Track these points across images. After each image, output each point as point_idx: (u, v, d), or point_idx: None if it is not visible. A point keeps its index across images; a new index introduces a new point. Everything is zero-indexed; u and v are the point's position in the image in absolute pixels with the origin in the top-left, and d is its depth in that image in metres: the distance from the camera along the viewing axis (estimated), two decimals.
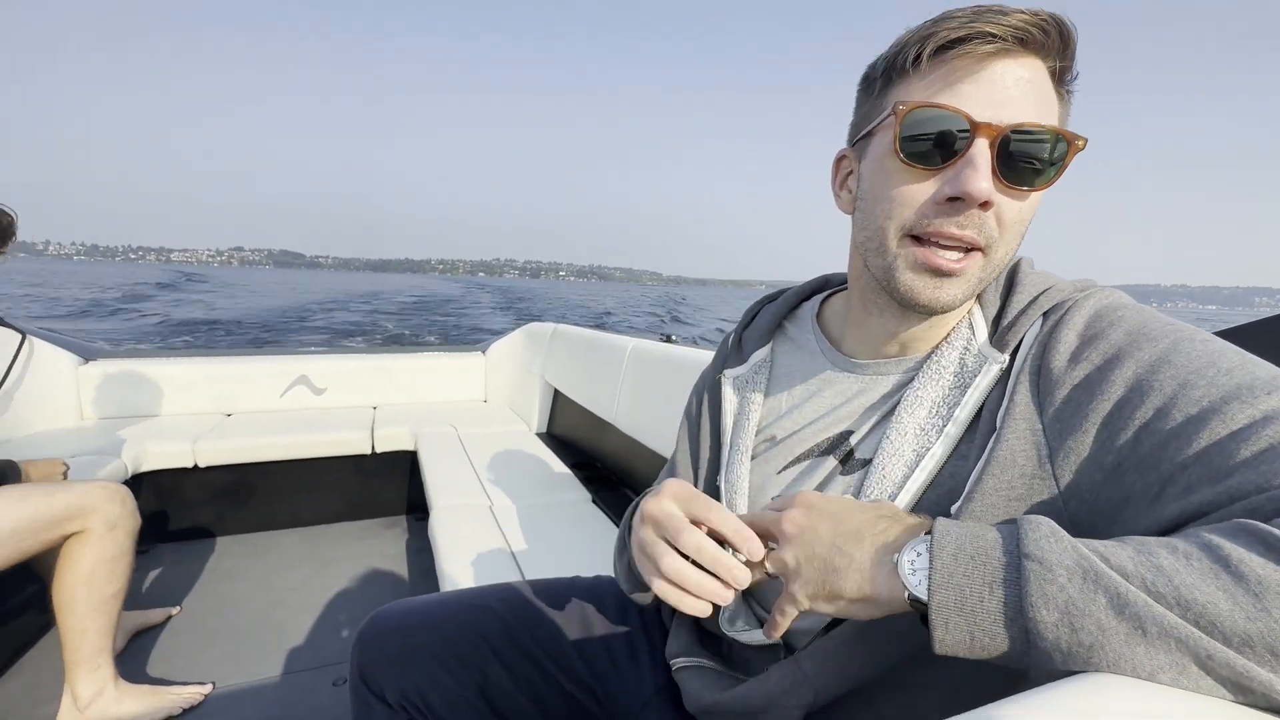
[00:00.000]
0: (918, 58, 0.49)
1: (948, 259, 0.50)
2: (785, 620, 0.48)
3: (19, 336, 2.06)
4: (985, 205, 0.48)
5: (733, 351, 0.74)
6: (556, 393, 2.58)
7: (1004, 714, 0.31)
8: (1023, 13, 0.47)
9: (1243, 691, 0.32)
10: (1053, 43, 0.48)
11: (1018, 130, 0.47)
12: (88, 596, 1.29)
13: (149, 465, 2.06)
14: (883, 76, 0.53)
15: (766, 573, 0.49)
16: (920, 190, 0.50)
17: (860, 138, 0.57)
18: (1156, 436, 0.42)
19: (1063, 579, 0.34)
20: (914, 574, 0.39)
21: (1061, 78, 0.50)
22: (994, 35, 0.46)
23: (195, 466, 2.16)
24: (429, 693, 0.73)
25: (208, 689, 1.46)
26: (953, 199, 0.48)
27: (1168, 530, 0.40)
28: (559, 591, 0.83)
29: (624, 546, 0.71)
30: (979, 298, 0.58)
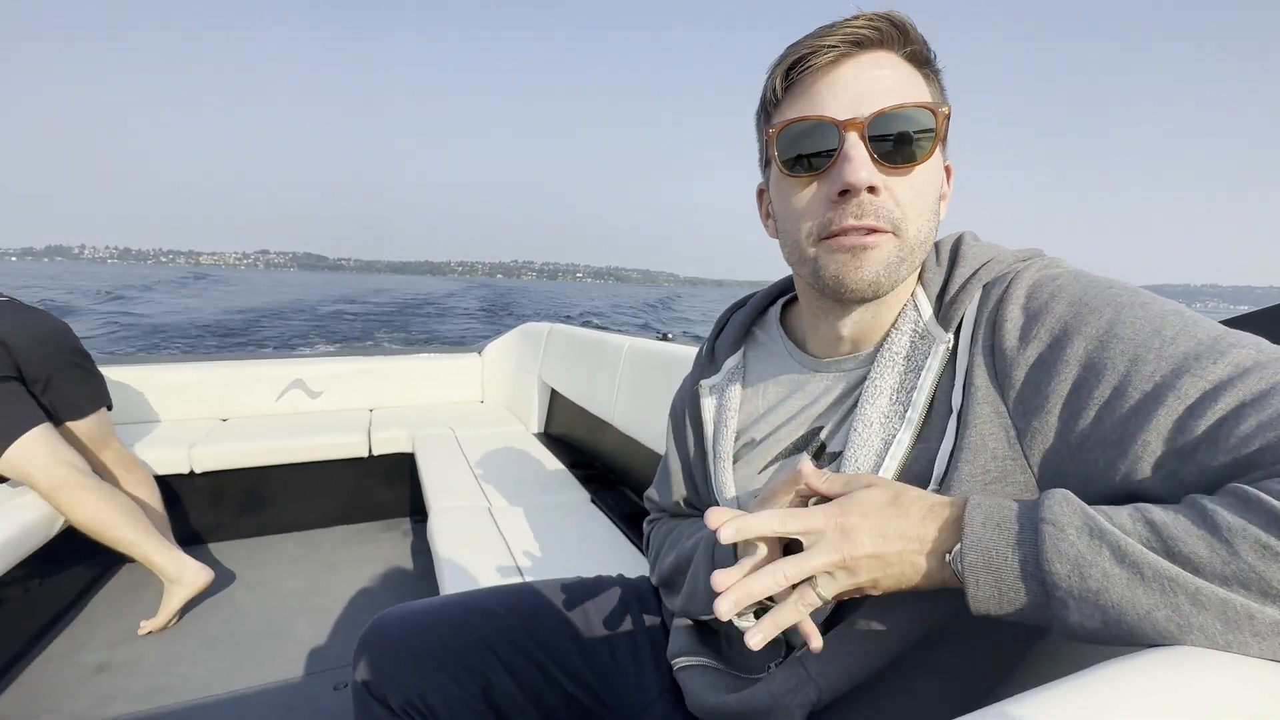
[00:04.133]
0: (775, 86, 0.56)
1: (858, 236, 0.53)
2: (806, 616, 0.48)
3: None
4: (873, 190, 0.51)
5: (706, 361, 0.77)
6: (554, 393, 2.57)
7: (1012, 712, 0.32)
8: (852, 22, 0.52)
9: (1228, 620, 0.35)
10: (890, 35, 0.53)
11: (879, 116, 0.51)
12: (104, 536, 1.67)
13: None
14: (762, 111, 0.60)
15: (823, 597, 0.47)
16: (812, 195, 0.54)
17: (765, 168, 0.62)
18: (1116, 415, 0.44)
19: (1073, 536, 0.39)
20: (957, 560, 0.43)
21: (919, 60, 0.55)
22: (830, 46, 0.52)
23: (191, 472, 2.15)
24: (432, 697, 0.73)
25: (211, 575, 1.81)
26: (843, 193, 0.52)
27: None
28: (560, 593, 0.83)
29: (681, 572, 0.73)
30: (921, 277, 0.60)
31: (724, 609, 0.45)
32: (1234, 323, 0.78)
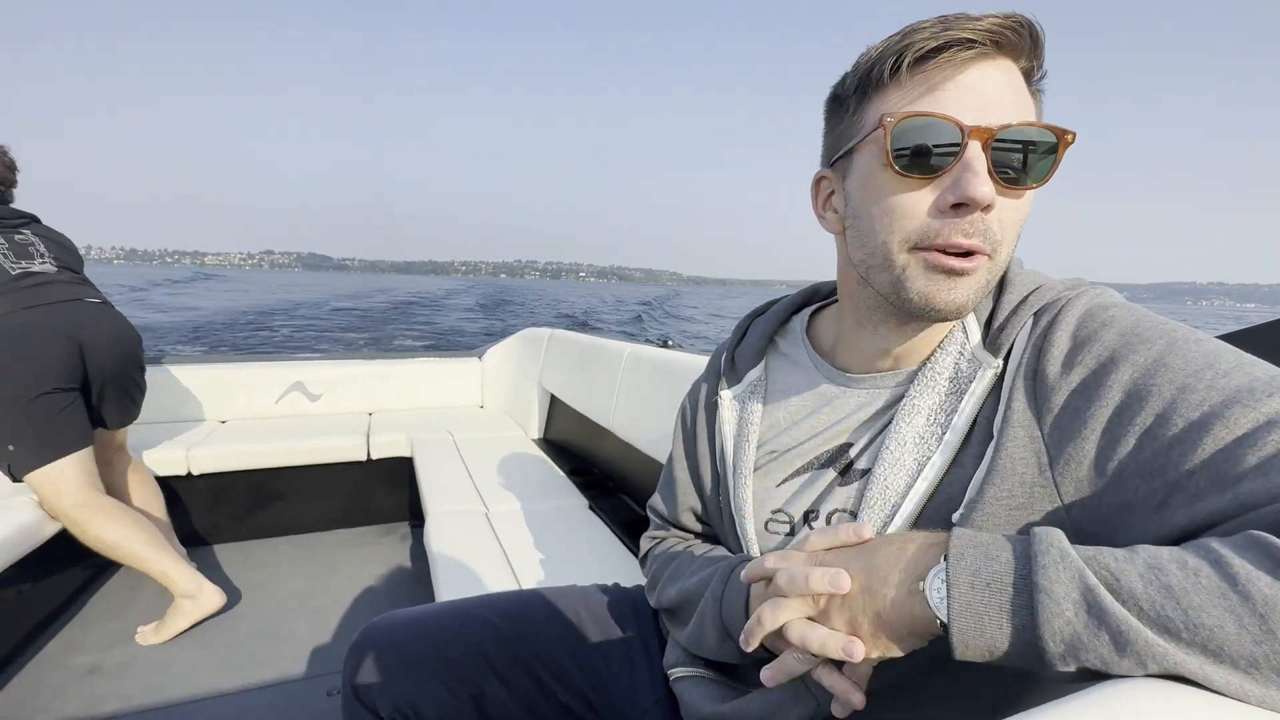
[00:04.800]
0: (896, 70, 0.49)
1: (960, 260, 0.49)
2: (863, 681, 0.49)
3: None
4: (988, 208, 0.48)
5: (726, 370, 0.74)
6: (553, 398, 2.57)
7: None
8: (994, 16, 0.47)
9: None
10: (1024, 43, 0.49)
11: (1007, 131, 0.47)
12: (115, 554, 1.66)
13: None
14: (856, 94, 0.53)
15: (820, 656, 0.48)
16: (919, 199, 0.49)
17: (840, 157, 0.56)
18: (1158, 442, 0.42)
19: (1069, 613, 0.35)
20: (941, 603, 0.40)
21: (1030, 77, 0.51)
22: (972, 41, 0.47)
23: (190, 474, 2.14)
24: (423, 705, 0.72)
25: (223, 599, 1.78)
26: (957, 205, 0.48)
27: (1178, 539, 0.40)
28: (555, 600, 0.82)
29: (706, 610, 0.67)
30: None
31: (765, 677, 0.51)
32: (1233, 337, 0.76)
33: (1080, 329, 0.49)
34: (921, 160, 0.48)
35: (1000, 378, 0.53)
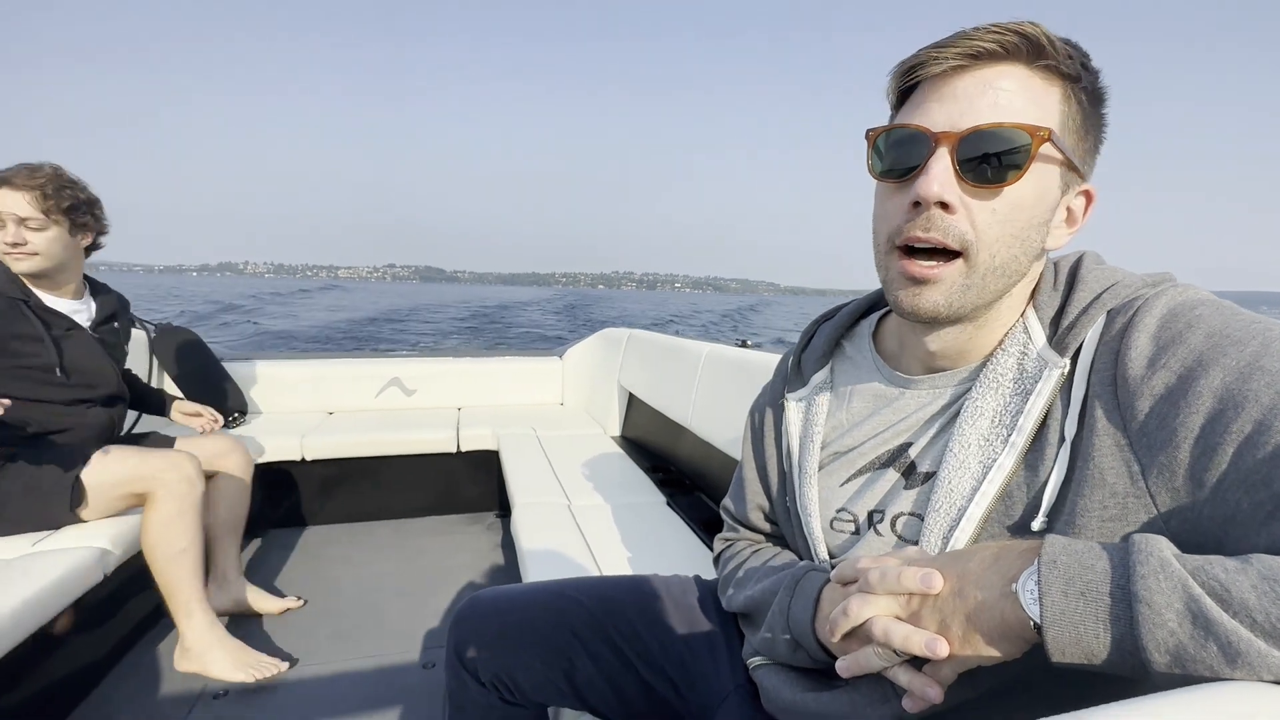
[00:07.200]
0: (891, 91, 0.57)
1: (921, 266, 0.52)
2: (944, 683, 0.47)
3: (148, 335, 2.36)
4: (946, 207, 0.50)
5: (793, 374, 0.76)
6: (632, 397, 2.62)
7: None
8: (972, 32, 0.50)
9: None
10: (1018, 48, 0.50)
11: (973, 132, 0.49)
12: (162, 552, 1.44)
13: (265, 458, 2.26)
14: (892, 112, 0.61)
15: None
16: (896, 203, 0.54)
17: None
18: (1261, 451, 0.40)
19: (1173, 623, 0.34)
20: (1035, 604, 0.39)
21: (1061, 75, 0.51)
22: (942, 57, 0.51)
23: (303, 459, 2.35)
24: (519, 674, 0.77)
25: (286, 666, 1.55)
26: (915, 203, 0.51)
27: None
28: (641, 586, 0.86)
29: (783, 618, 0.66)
30: (1034, 299, 0.57)
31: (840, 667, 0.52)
32: None
33: (1163, 330, 0.48)
34: (896, 168, 0.54)
35: (1070, 379, 0.52)
